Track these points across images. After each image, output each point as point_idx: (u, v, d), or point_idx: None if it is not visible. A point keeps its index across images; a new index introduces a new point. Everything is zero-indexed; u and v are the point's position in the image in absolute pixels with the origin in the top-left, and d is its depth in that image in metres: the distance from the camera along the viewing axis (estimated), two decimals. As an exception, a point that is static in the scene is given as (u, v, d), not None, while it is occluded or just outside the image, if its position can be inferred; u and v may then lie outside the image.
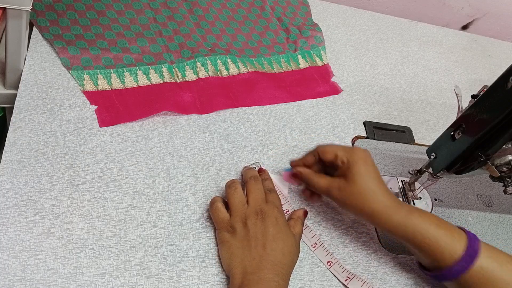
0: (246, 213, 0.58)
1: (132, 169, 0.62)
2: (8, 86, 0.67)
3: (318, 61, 0.86)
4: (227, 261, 0.56)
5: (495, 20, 1.14)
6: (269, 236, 0.56)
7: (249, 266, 0.54)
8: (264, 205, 0.59)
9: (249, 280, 0.53)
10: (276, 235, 0.57)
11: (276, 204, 0.60)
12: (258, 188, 0.61)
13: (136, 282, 0.54)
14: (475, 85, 0.97)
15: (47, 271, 0.52)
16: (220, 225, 0.59)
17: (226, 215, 0.59)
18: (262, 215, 0.58)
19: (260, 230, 0.57)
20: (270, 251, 0.55)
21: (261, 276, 0.53)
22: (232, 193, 0.60)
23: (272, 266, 0.54)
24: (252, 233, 0.56)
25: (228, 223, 0.58)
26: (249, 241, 0.56)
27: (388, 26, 1.00)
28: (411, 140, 0.83)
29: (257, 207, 0.59)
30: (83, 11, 0.74)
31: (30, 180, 0.57)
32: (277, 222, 0.58)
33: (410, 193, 0.74)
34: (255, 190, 0.61)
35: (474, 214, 0.76)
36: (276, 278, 0.54)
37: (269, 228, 0.57)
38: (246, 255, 0.55)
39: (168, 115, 0.70)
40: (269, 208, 0.59)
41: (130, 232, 0.57)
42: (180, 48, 0.76)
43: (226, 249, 0.57)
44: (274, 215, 0.58)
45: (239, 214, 0.58)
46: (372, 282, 0.63)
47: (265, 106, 0.76)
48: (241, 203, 0.59)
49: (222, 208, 0.60)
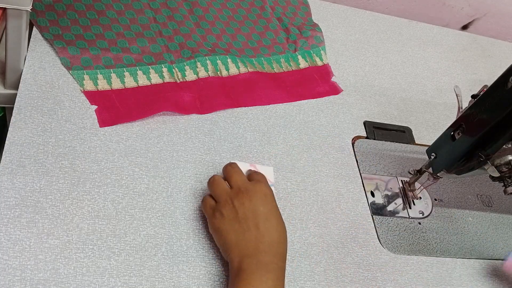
0: (231, 195, 0.56)
1: (132, 169, 0.62)
2: (8, 86, 0.67)
3: (318, 61, 0.86)
4: (223, 247, 0.55)
5: (495, 20, 1.14)
6: (261, 215, 0.55)
7: (246, 249, 0.53)
8: (248, 184, 0.57)
9: (247, 263, 0.52)
10: (267, 213, 0.55)
11: (261, 180, 0.59)
12: (236, 171, 0.59)
13: (136, 282, 0.54)
14: (475, 85, 0.97)
15: (47, 271, 0.52)
16: (209, 212, 0.58)
17: (212, 202, 0.58)
18: (247, 193, 0.56)
19: (250, 210, 0.55)
20: (265, 231, 0.54)
21: (259, 259, 0.52)
22: (212, 184, 0.59)
23: (269, 247, 0.53)
24: (241, 214, 0.55)
25: (216, 209, 0.57)
26: (240, 223, 0.54)
27: (388, 26, 1.00)
28: (411, 140, 0.83)
29: (242, 187, 0.57)
30: (83, 11, 0.74)
31: (30, 180, 0.57)
32: (266, 198, 0.56)
33: (410, 193, 0.75)
34: (233, 173, 0.59)
35: (474, 214, 0.76)
36: (275, 260, 0.53)
37: (259, 207, 0.55)
38: (240, 238, 0.54)
39: (168, 115, 0.69)
40: (255, 185, 0.57)
41: (130, 232, 0.57)
42: (180, 48, 0.76)
43: (219, 236, 0.56)
44: (262, 191, 0.56)
45: (223, 199, 0.57)
46: (372, 282, 0.63)
47: (265, 106, 0.76)
48: (224, 189, 0.58)
49: (210, 199, 0.59)
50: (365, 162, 0.76)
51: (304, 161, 0.72)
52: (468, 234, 0.74)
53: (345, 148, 0.76)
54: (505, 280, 0.69)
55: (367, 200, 0.71)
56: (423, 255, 0.69)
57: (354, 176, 0.73)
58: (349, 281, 0.62)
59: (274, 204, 0.57)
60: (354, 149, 0.77)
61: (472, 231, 0.73)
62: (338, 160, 0.74)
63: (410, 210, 0.73)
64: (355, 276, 0.63)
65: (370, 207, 0.71)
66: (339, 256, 0.64)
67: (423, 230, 0.72)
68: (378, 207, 0.72)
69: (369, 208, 0.71)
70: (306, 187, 0.69)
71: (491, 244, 0.61)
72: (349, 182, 0.73)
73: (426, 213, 0.74)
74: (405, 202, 0.74)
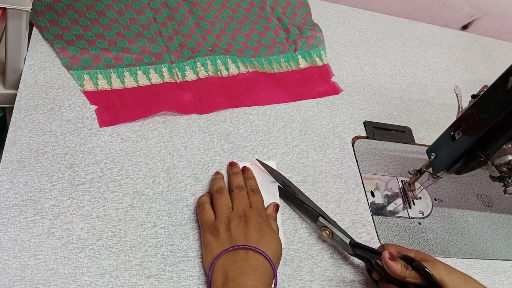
0: (230, 216, 0.59)
1: (132, 169, 0.62)
2: (8, 86, 0.67)
3: (318, 61, 0.86)
4: (208, 264, 0.56)
5: (495, 20, 1.14)
6: (252, 240, 0.56)
7: (230, 271, 0.54)
8: (248, 210, 0.60)
9: (229, 287, 0.53)
10: (259, 239, 0.57)
11: (259, 208, 0.61)
12: (242, 196, 0.62)
13: (136, 282, 0.54)
14: (475, 85, 0.97)
15: (47, 271, 0.52)
16: (205, 226, 0.59)
17: (211, 216, 0.60)
18: (245, 219, 0.59)
19: (243, 233, 0.57)
20: (252, 255, 0.55)
21: (241, 283, 0.53)
22: (218, 197, 0.61)
23: (254, 271, 0.54)
24: (234, 235, 0.57)
25: (212, 225, 0.58)
26: (232, 244, 0.56)
27: (388, 26, 1.00)
28: (411, 140, 0.83)
29: (241, 211, 0.60)
30: (83, 11, 0.74)
31: (30, 180, 0.57)
32: (260, 227, 0.58)
33: (410, 193, 0.75)
34: (239, 197, 0.62)
35: (474, 214, 0.76)
36: (258, 285, 0.53)
37: (251, 232, 0.57)
38: (227, 259, 0.55)
39: (168, 115, 0.69)
40: (253, 213, 0.60)
41: (130, 232, 0.57)
42: (180, 48, 0.76)
43: (208, 251, 0.57)
44: (257, 220, 0.59)
45: (223, 217, 0.59)
46: (372, 282, 0.63)
47: (265, 106, 0.76)
48: (227, 206, 0.60)
49: (209, 210, 0.60)
50: (365, 162, 0.76)
51: (304, 161, 0.72)
52: (468, 234, 0.74)
53: (345, 148, 0.76)
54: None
55: (367, 200, 0.71)
56: (423, 255, 0.69)
57: (354, 176, 0.73)
58: (349, 281, 0.62)
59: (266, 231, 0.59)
60: (354, 149, 0.77)
61: (472, 231, 0.73)
62: (338, 160, 0.74)
63: (410, 210, 0.73)
64: (355, 276, 0.63)
65: (370, 207, 0.71)
66: (339, 257, 0.64)
67: (423, 230, 0.72)
68: (378, 207, 0.72)
69: (369, 208, 0.71)
70: (306, 187, 0.69)
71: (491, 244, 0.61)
72: (349, 182, 0.73)
73: (426, 213, 0.74)
74: (405, 202, 0.74)
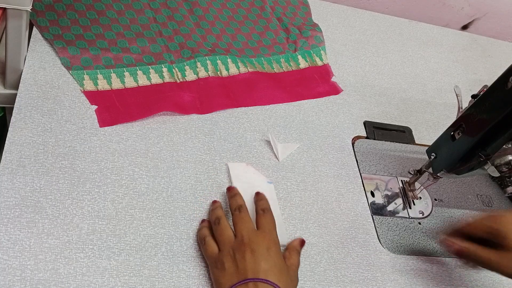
0: (234, 247, 0.55)
1: (132, 169, 0.62)
2: (8, 86, 0.67)
3: (318, 61, 0.86)
4: None
5: (495, 20, 1.14)
6: (261, 273, 0.52)
7: None
8: (253, 234, 0.56)
9: None
10: (268, 270, 0.53)
11: (268, 228, 0.57)
12: (243, 218, 0.58)
13: (136, 282, 0.54)
14: (475, 85, 0.97)
15: (47, 271, 0.52)
16: (210, 260, 0.56)
17: (215, 249, 0.56)
18: (250, 245, 0.54)
19: (250, 264, 0.53)
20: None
21: None
22: (217, 228, 0.58)
23: None
24: (241, 267, 0.53)
25: (218, 259, 0.55)
26: (239, 278, 0.52)
27: (388, 26, 1.00)
28: (411, 140, 0.83)
29: (245, 238, 0.55)
30: (83, 11, 0.74)
31: (30, 180, 0.57)
32: (268, 253, 0.54)
33: (410, 193, 0.75)
34: (240, 221, 0.58)
35: (474, 214, 0.76)
36: None
37: (260, 262, 0.53)
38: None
39: (168, 115, 0.70)
40: (260, 237, 0.56)
41: (130, 232, 0.57)
42: (180, 48, 0.76)
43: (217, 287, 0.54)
44: (265, 245, 0.55)
45: (226, 248, 0.55)
46: (372, 282, 0.63)
47: (265, 106, 0.76)
48: (228, 236, 0.56)
49: (211, 243, 0.57)
50: (365, 162, 0.76)
51: (304, 161, 0.72)
52: (468, 234, 0.74)
53: (345, 148, 0.76)
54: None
55: (367, 200, 0.71)
56: (423, 255, 0.69)
57: (354, 176, 0.73)
58: (349, 281, 0.62)
59: (276, 260, 0.55)
60: (354, 149, 0.77)
61: (472, 231, 0.73)
62: (338, 160, 0.74)
63: (410, 210, 0.73)
64: (355, 276, 0.63)
65: (370, 207, 0.71)
66: (339, 256, 0.64)
67: (423, 230, 0.72)
68: (378, 207, 0.72)
69: (369, 208, 0.71)
70: (306, 187, 0.69)
71: (491, 244, 0.61)
72: (349, 182, 0.73)
73: (426, 213, 0.74)
74: (405, 202, 0.74)
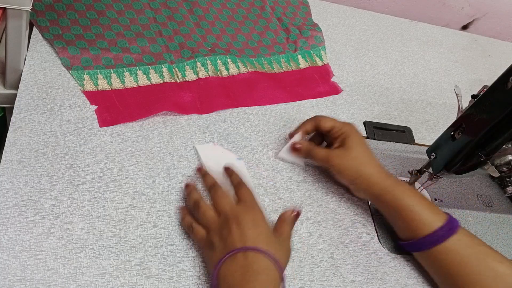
0: (220, 224, 0.55)
1: (132, 169, 0.62)
2: (8, 86, 0.67)
3: (318, 61, 0.86)
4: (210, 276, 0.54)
5: (495, 20, 1.14)
6: (249, 241, 0.52)
7: (233, 280, 0.51)
8: (235, 208, 0.56)
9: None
10: (256, 238, 0.53)
11: (249, 200, 0.57)
12: (220, 195, 0.58)
13: (136, 282, 0.54)
14: (475, 85, 0.97)
15: (47, 271, 0.52)
16: (201, 244, 0.57)
17: (203, 232, 0.56)
18: (236, 220, 0.54)
19: (238, 237, 0.53)
20: (252, 257, 0.52)
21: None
22: (197, 211, 0.58)
23: (256, 275, 0.51)
24: (230, 241, 0.53)
25: (206, 240, 0.56)
26: (228, 250, 0.53)
27: (388, 26, 1.00)
28: (411, 140, 0.83)
29: (228, 213, 0.56)
30: (83, 11, 0.74)
31: (30, 180, 0.57)
32: (254, 222, 0.55)
33: (410, 193, 0.74)
34: (218, 197, 0.58)
35: (474, 214, 0.76)
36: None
37: (247, 231, 0.53)
38: (227, 268, 0.52)
39: (168, 115, 0.70)
40: (242, 209, 0.56)
41: (130, 232, 0.57)
42: (180, 48, 0.76)
43: (209, 266, 0.55)
44: (250, 216, 0.55)
45: (212, 228, 0.55)
46: (372, 282, 0.63)
47: (265, 106, 0.76)
48: (212, 217, 0.56)
49: (198, 227, 0.57)
50: (365, 162, 0.76)
51: (304, 161, 0.72)
52: (468, 234, 0.73)
53: (345, 148, 0.76)
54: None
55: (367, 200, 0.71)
56: (423, 255, 0.69)
57: (354, 176, 0.73)
58: (349, 281, 0.62)
59: (264, 228, 0.55)
60: (354, 149, 0.77)
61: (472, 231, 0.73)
62: (338, 160, 0.74)
63: (410, 210, 0.73)
64: (355, 276, 0.63)
65: (370, 207, 0.71)
66: (339, 256, 0.64)
67: (423, 230, 0.72)
68: (378, 207, 0.72)
69: (369, 208, 0.71)
70: (307, 187, 0.69)
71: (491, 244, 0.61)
72: (349, 182, 0.72)
73: (426, 213, 0.74)
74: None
